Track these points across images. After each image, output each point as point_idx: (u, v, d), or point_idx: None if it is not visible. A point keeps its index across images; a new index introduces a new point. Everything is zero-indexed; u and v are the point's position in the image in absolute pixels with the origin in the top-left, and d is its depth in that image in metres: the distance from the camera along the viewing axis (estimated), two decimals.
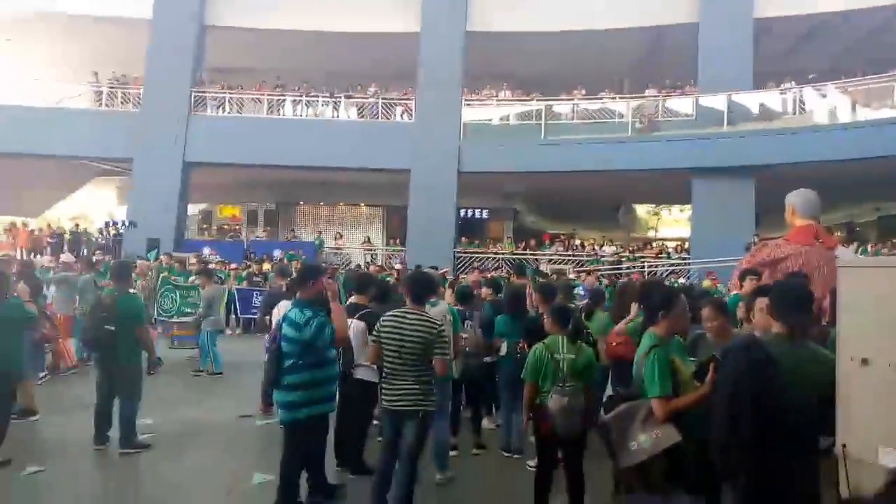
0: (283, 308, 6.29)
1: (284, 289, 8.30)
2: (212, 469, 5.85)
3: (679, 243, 23.80)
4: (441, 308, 5.37)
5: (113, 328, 6.14)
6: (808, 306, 3.13)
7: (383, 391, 4.63)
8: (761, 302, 3.97)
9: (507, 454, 6.38)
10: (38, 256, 18.54)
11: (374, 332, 4.66)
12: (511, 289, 7.32)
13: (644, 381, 3.46)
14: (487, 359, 6.54)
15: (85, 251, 19.08)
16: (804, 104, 18.20)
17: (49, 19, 20.84)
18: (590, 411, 4.51)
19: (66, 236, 21.00)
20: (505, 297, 7.05)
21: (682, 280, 16.71)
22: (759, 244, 6.15)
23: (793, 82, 18.64)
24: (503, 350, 6.36)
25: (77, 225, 22.49)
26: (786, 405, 2.74)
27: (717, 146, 17.79)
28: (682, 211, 28.00)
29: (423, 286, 4.78)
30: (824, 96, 18.04)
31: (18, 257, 16.69)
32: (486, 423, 7.11)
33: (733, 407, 2.77)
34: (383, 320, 4.62)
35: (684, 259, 19.45)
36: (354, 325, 5.46)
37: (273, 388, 4.83)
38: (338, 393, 5.12)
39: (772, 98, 18.66)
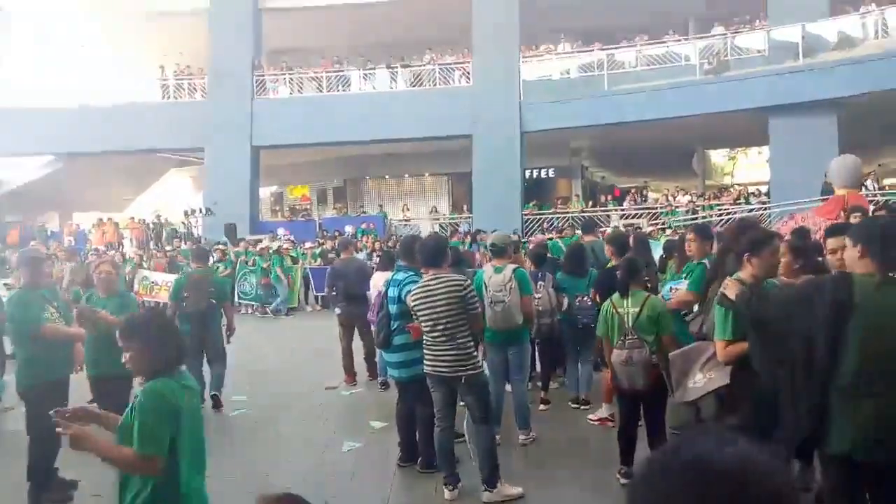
0: (378, 281, 6.78)
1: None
2: (303, 438, 6.07)
3: (758, 187, 22.81)
4: (507, 272, 5.33)
5: (214, 301, 7.10)
6: None
7: (424, 357, 4.57)
8: (835, 242, 3.88)
9: (574, 405, 6.51)
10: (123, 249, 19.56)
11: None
12: (571, 247, 7.49)
13: (715, 322, 3.41)
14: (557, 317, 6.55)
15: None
16: (887, 27, 16.96)
17: (118, 21, 21.63)
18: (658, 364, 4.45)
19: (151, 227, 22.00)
20: (566, 255, 7.18)
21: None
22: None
23: (873, 4, 17.37)
24: (564, 304, 6.42)
25: (159, 216, 23.50)
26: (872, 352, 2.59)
27: (794, 81, 16.81)
28: (759, 153, 26.80)
29: (431, 251, 4.63)
30: None
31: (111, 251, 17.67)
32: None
33: (809, 352, 2.65)
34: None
35: (764, 203, 18.65)
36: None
37: (385, 351, 5.20)
38: None
39: (851, 24, 17.45)
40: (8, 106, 21.16)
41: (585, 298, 6.31)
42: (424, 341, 4.54)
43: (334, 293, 8.32)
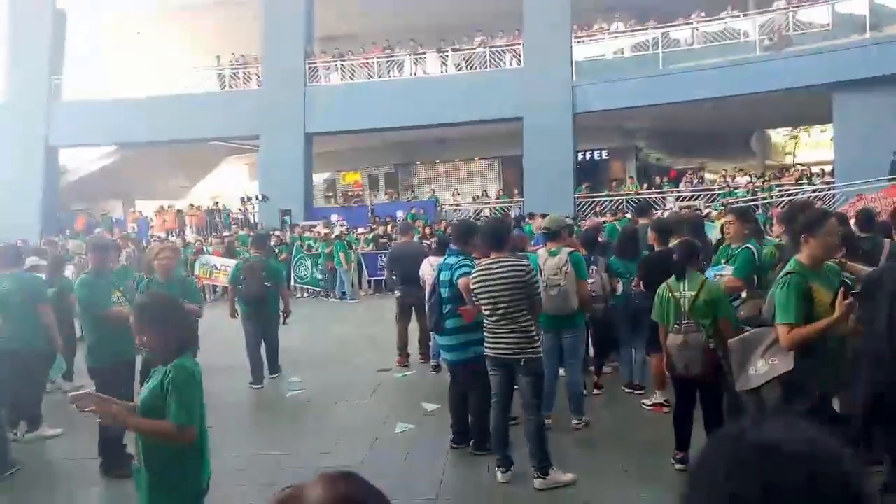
0: (431, 264, 6.86)
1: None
2: (357, 419, 6.18)
3: (822, 167, 21.96)
4: (562, 255, 5.27)
5: (269, 285, 7.46)
6: None
7: (485, 339, 4.56)
8: None
9: (628, 391, 6.46)
10: (185, 235, 20.18)
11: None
12: (624, 231, 7.43)
13: (775, 307, 3.31)
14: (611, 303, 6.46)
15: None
16: None
17: (173, 11, 22.17)
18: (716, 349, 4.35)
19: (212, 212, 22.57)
20: (618, 238, 7.17)
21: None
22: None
23: None
24: (619, 289, 6.36)
25: (217, 203, 24.12)
26: None
27: (860, 56, 16.05)
28: (822, 131, 25.81)
29: (492, 235, 4.64)
30: None
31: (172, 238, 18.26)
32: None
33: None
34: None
35: (828, 184, 17.95)
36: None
37: (437, 335, 5.24)
38: None
39: None
40: (74, 98, 21.99)
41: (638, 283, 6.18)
42: (484, 324, 4.54)
43: (394, 276, 8.48)
